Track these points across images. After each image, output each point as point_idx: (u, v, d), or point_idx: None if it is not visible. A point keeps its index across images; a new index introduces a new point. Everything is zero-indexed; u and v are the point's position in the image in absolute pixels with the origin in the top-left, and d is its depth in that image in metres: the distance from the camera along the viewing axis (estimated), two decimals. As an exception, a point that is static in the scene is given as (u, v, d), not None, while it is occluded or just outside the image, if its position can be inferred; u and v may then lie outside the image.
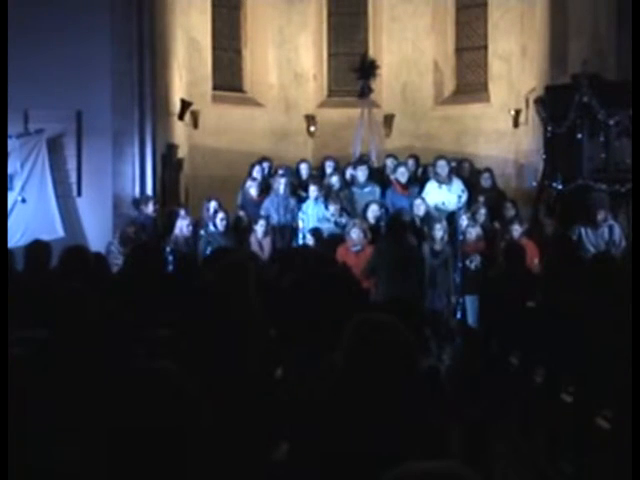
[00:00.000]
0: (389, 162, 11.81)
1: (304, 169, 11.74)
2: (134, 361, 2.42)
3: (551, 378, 5.91)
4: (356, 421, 2.67)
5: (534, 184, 12.02)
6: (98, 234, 10.82)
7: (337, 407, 2.73)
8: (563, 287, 6.16)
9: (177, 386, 2.09)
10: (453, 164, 11.31)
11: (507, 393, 6.68)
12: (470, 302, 9.16)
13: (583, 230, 9.55)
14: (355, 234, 9.43)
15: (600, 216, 9.61)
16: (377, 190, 10.86)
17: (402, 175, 10.88)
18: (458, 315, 9.25)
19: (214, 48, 15.42)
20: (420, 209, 10.15)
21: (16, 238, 10.22)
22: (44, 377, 2.72)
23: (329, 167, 11.63)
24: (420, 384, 2.90)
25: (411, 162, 11.71)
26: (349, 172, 11.43)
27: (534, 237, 9.66)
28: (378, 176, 11.36)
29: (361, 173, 10.95)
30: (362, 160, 11.86)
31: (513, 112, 14.60)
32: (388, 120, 15.54)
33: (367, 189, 10.85)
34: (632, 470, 3.71)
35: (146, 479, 1.99)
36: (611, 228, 9.60)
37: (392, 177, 11.08)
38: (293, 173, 11.74)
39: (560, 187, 10.64)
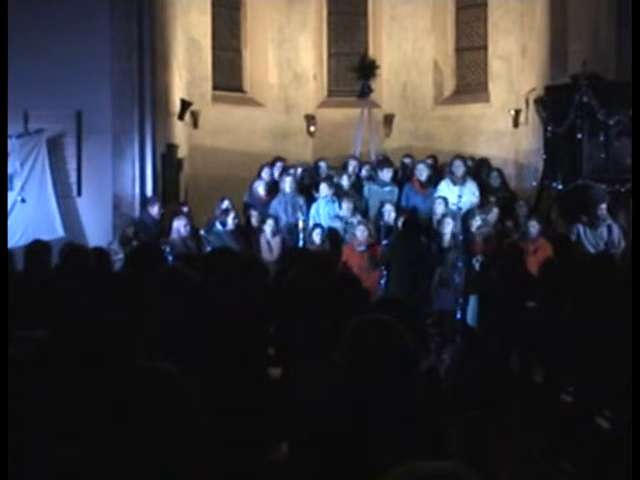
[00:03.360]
0: (407, 161, 11.84)
1: (322, 168, 11.75)
2: (133, 361, 2.42)
3: (551, 378, 5.92)
4: (356, 421, 2.67)
5: (534, 184, 12.02)
6: (98, 234, 10.82)
7: (337, 407, 2.73)
8: (562, 287, 6.16)
9: (176, 386, 2.09)
10: (469, 164, 11.28)
11: (507, 393, 6.68)
12: (474, 302, 9.15)
13: (582, 230, 9.54)
14: (360, 233, 9.44)
15: (601, 211, 9.59)
16: (396, 190, 10.88)
17: (421, 173, 10.86)
18: (458, 315, 9.24)
19: (214, 48, 15.41)
20: (439, 208, 10.12)
21: (16, 238, 10.21)
22: (44, 377, 2.71)
23: (351, 165, 11.59)
24: (420, 384, 2.90)
25: (430, 161, 11.73)
26: (365, 170, 11.42)
27: (548, 237, 9.65)
28: (395, 175, 11.38)
29: (386, 173, 10.95)
30: (387, 160, 11.81)
31: (513, 112, 14.59)
32: (388, 120, 15.54)
33: (387, 188, 10.86)
34: (632, 470, 3.71)
35: (145, 478, 1.99)
36: (610, 228, 9.59)
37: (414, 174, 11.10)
38: (310, 172, 11.75)
39: (560, 187, 10.65)
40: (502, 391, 6.70)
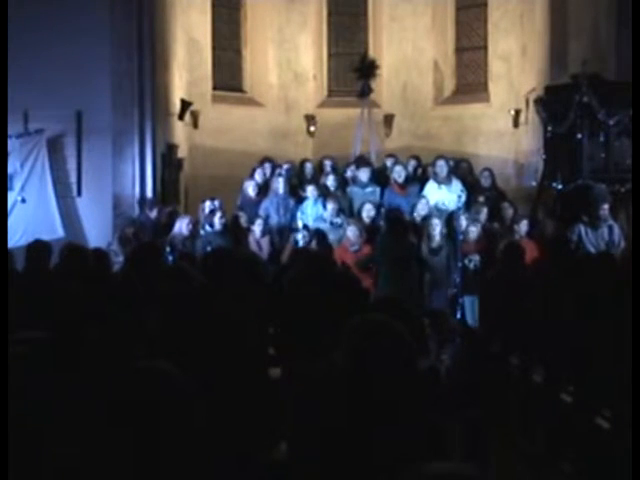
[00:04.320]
0: (389, 162, 11.86)
1: (308, 169, 11.77)
2: (133, 361, 2.42)
3: (551, 378, 5.91)
4: (355, 421, 2.67)
5: (534, 184, 12.02)
6: (98, 234, 10.82)
7: (336, 407, 2.73)
8: (561, 287, 6.16)
9: (176, 386, 2.09)
10: (452, 164, 11.32)
11: (507, 393, 6.67)
12: (469, 302, 9.16)
13: (583, 230, 9.54)
14: (352, 233, 9.45)
15: (603, 211, 9.59)
16: (378, 190, 10.88)
17: (398, 175, 10.89)
18: (458, 315, 9.25)
19: (214, 48, 15.42)
20: (424, 208, 10.12)
21: (16, 238, 10.22)
22: (44, 377, 2.71)
23: (327, 166, 11.65)
24: (420, 384, 2.90)
25: (412, 162, 11.74)
26: (350, 171, 11.46)
27: (535, 237, 9.68)
28: (378, 176, 11.39)
29: (364, 173, 10.96)
30: (364, 160, 11.89)
31: (513, 112, 14.59)
32: (388, 120, 15.55)
33: (369, 189, 10.87)
34: (632, 470, 3.71)
35: (145, 478, 1.99)
36: (610, 228, 9.59)
37: (391, 176, 11.15)
38: (296, 171, 11.79)
39: (560, 187, 10.65)
40: (502, 391, 6.69)
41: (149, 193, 11.40)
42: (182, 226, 9.81)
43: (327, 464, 2.67)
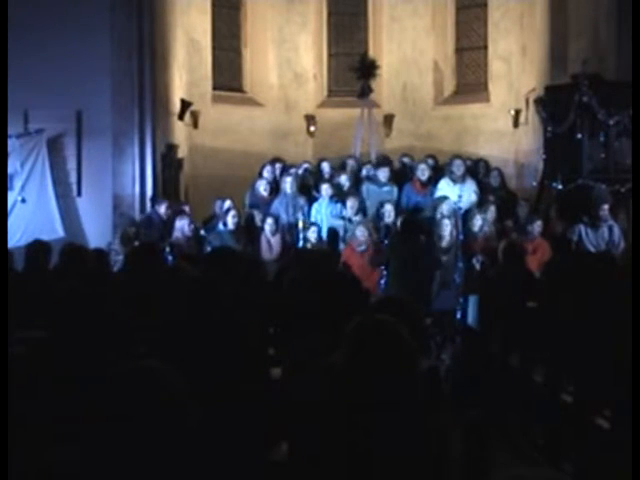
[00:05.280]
0: (406, 160, 11.88)
1: (325, 168, 11.78)
2: (130, 361, 2.42)
3: (551, 378, 5.91)
4: (355, 421, 2.67)
5: (534, 184, 12.03)
6: (98, 234, 10.82)
7: (336, 407, 2.73)
8: (563, 287, 6.16)
9: (175, 387, 2.09)
10: (469, 163, 11.31)
11: (507, 393, 6.67)
12: (473, 302, 9.14)
13: (583, 230, 9.55)
14: (360, 233, 9.44)
15: (603, 211, 9.59)
16: (395, 190, 10.87)
17: (422, 173, 10.87)
18: (459, 315, 9.24)
19: (214, 48, 15.42)
20: (447, 209, 10.07)
21: (16, 238, 10.22)
22: (44, 377, 2.71)
23: (348, 165, 11.66)
24: (420, 384, 2.90)
25: (430, 161, 11.76)
26: (366, 171, 11.46)
27: (546, 237, 9.68)
28: (397, 176, 11.39)
29: (383, 172, 10.96)
30: (385, 160, 11.87)
31: (513, 112, 14.60)
32: (388, 120, 15.55)
33: (386, 188, 10.85)
34: (632, 470, 3.71)
35: (141, 478, 1.99)
36: (611, 228, 9.60)
37: (413, 175, 11.13)
38: (311, 172, 11.80)
39: (560, 187, 10.65)
40: (502, 391, 6.70)
41: (149, 193, 11.40)
42: (184, 226, 9.81)
43: (327, 464, 2.67)
